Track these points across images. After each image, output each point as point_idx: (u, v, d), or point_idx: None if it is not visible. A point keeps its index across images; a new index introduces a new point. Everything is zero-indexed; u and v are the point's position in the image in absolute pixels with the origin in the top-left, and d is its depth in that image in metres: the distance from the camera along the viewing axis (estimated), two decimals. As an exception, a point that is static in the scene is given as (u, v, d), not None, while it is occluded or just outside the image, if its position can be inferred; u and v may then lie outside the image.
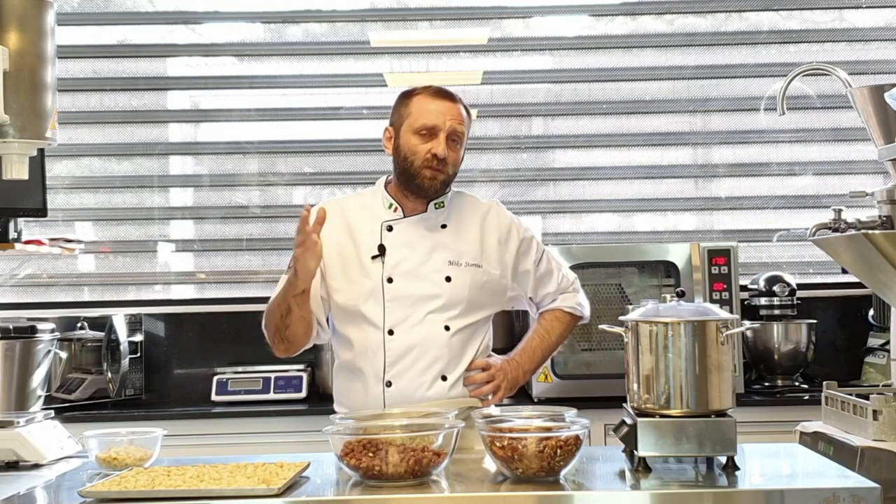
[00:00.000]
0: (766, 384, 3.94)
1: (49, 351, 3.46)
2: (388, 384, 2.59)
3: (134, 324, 4.05)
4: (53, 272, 4.41)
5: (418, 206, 2.68)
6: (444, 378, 2.61)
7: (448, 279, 2.63)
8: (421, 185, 2.63)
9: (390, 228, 2.67)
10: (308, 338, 2.66)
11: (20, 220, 3.54)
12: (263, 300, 2.73)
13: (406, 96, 2.69)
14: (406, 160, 2.64)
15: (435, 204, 2.69)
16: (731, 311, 3.53)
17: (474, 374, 2.67)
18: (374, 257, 2.63)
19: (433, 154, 2.60)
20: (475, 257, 2.68)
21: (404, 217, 2.68)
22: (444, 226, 2.70)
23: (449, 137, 2.62)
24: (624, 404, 2.28)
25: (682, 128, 4.48)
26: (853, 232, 2.61)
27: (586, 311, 2.88)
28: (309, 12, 4.49)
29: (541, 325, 2.83)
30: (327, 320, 2.70)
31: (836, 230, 2.70)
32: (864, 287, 3.14)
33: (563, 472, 2.06)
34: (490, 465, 2.18)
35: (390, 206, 2.70)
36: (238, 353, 4.10)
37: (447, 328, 2.62)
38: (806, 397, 3.73)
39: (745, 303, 3.98)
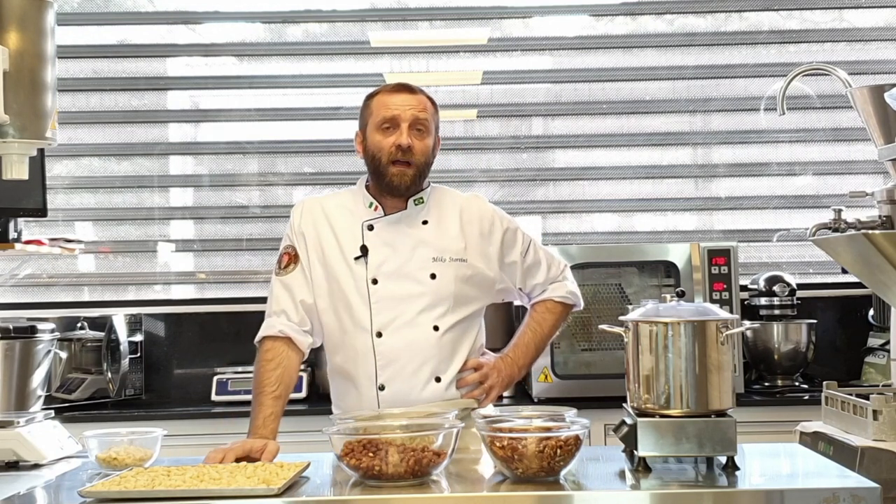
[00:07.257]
0: (766, 384, 3.94)
1: (49, 351, 3.46)
2: (381, 388, 2.57)
3: (134, 324, 4.06)
4: (53, 272, 4.41)
5: (398, 204, 2.66)
6: (437, 379, 2.59)
7: (433, 276, 2.61)
8: (391, 182, 2.61)
9: (371, 227, 2.64)
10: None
11: (20, 220, 3.54)
12: (263, 300, 2.73)
13: (368, 98, 2.69)
14: (374, 158, 2.62)
15: (414, 200, 2.66)
16: (731, 311, 3.53)
17: (466, 376, 2.65)
18: (356, 258, 2.60)
19: (397, 146, 2.58)
20: (458, 252, 2.65)
21: (385, 215, 2.66)
22: (425, 222, 2.67)
23: (412, 127, 2.59)
24: (624, 404, 2.28)
25: (682, 128, 4.48)
26: (853, 232, 2.61)
27: (579, 298, 2.86)
28: (309, 12, 4.49)
29: (532, 317, 2.81)
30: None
31: (836, 230, 2.70)
32: (864, 287, 3.14)
33: (563, 472, 2.06)
34: (490, 465, 2.18)
35: (370, 204, 2.67)
36: (238, 353, 4.09)
37: (436, 328, 2.59)
38: (806, 397, 3.73)
39: (745, 303, 3.98)
